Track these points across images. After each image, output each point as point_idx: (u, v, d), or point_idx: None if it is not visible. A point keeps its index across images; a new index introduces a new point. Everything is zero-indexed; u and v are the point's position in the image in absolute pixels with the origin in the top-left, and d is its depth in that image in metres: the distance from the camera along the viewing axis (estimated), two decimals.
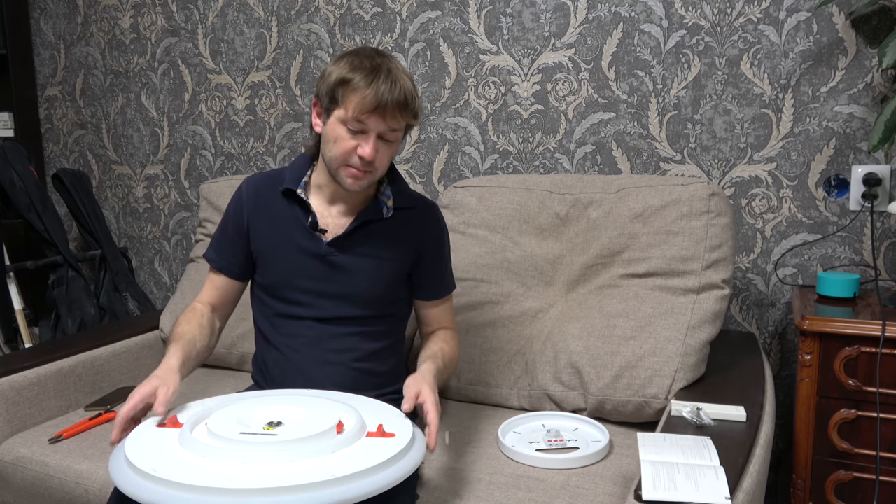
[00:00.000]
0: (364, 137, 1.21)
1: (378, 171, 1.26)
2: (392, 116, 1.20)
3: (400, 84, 1.20)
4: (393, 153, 1.28)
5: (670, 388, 1.41)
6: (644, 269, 1.54)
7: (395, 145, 1.27)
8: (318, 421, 1.04)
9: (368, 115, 1.19)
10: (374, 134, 1.21)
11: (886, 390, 1.36)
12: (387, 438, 1.03)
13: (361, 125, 1.20)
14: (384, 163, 1.26)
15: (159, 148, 2.49)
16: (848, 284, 1.56)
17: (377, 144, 1.22)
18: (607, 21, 1.85)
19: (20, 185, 2.31)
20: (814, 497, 1.45)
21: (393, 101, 1.19)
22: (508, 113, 1.98)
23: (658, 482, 0.97)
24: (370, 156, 1.21)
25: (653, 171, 1.86)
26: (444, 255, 1.43)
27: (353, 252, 1.32)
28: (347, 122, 1.20)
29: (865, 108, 1.66)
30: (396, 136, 1.25)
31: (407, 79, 1.23)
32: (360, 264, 1.32)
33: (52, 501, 1.40)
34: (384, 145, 1.24)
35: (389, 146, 1.25)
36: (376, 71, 1.19)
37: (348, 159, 1.23)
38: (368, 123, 1.20)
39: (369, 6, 2.10)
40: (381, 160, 1.25)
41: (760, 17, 1.71)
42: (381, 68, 1.20)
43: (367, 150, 1.20)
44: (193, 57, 2.38)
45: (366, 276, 1.32)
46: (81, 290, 2.37)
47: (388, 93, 1.18)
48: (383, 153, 1.24)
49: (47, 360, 1.64)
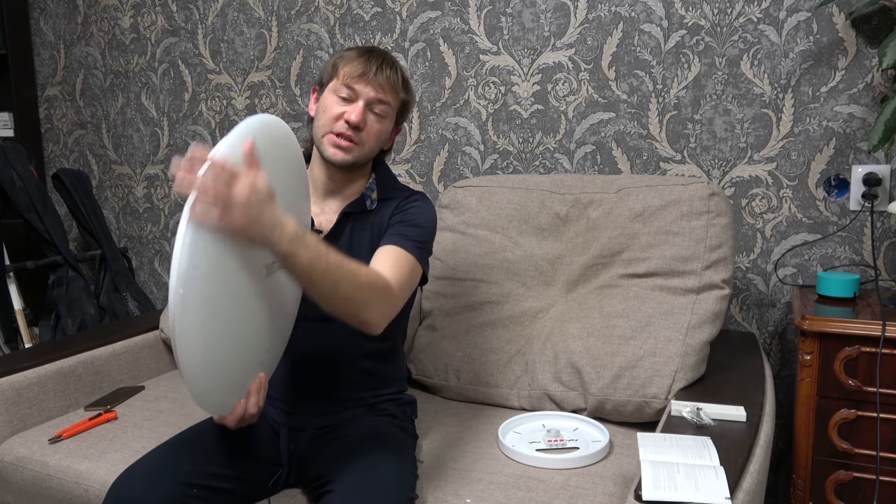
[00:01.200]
0: (352, 105, 1.24)
1: (364, 145, 1.26)
2: (381, 86, 1.24)
3: (392, 61, 1.28)
4: (380, 134, 1.28)
5: (670, 388, 1.41)
6: (644, 269, 1.54)
7: (385, 123, 1.28)
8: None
9: (357, 80, 1.23)
10: (362, 101, 1.24)
11: (886, 390, 1.36)
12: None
13: (351, 91, 1.24)
14: (371, 138, 1.27)
15: (159, 148, 2.49)
16: (848, 284, 1.55)
17: (364, 112, 1.24)
18: (607, 21, 1.85)
19: (20, 185, 2.31)
20: (814, 497, 1.45)
21: (384, 69, 1.25)
22: (508, 113, 1.98)
23: (658, 482, 0.97)
24: (357, 118, 1.22)
25: (653, 171, 1.86)
26: (414, 218, 1.29)
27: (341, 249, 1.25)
28: (338, 89, 1.25)
29: (865, 108, 1.66)
30: (385, 110, 1.27)
31: (401, 68, 1.30)
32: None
33: (52, 501, 1.40)
34: (373, 118, 1.26)
35: (378, 121, 1.27)
36: (372, 50, 1.29)
37: (334, 125, 1.24)
38: (357, 89, 1.24)
39: (369, 6, 2.10)
40: (368, 134, 1.26)
41: (760, 17, 1.71)
42: (376, 50, 1.29)
43: (354, 112, 1.23)
44: (193, 57, 2.38)
45: None
46: (81, 290, 2.37)
47: (378, 62, 1.25)
48: (370, 128, 1.26)
49: (47, 360, 1.64)
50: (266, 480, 1.23)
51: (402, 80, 1.30)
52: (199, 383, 1.00)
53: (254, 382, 1.13)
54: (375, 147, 1.30)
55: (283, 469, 1.26)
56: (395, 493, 1.09)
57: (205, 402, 1.04)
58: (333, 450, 1.22)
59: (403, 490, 1.11)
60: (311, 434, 1.29)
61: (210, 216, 0.89)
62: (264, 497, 1.23)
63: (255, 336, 1.10)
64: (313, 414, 1.30)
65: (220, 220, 0.90)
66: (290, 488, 1.27)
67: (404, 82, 1.31)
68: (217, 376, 1.04)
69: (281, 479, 1.26)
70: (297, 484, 1.28)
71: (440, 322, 1.67)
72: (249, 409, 1.12)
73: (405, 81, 1.31)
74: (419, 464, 1.30)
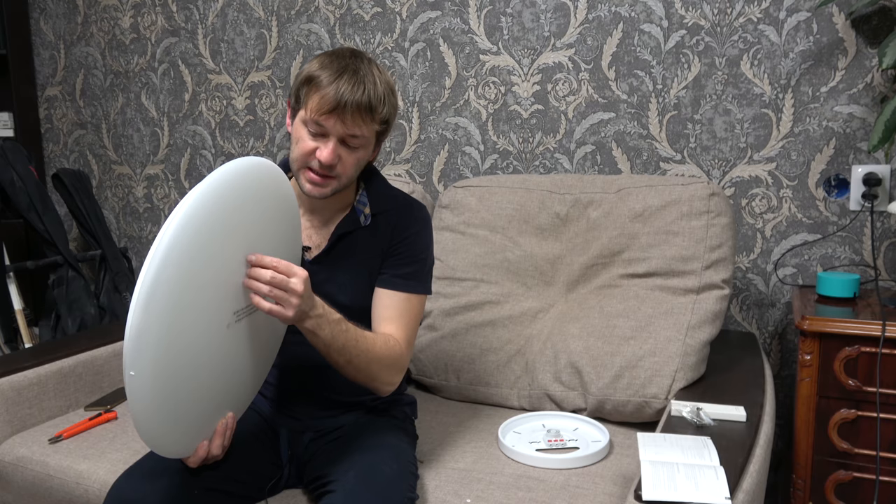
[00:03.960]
0: (324, 140, 1.15)
1: (342, 178, 1.19)
2: (353, 120, 1.13)
3: (365, 86, 1.14)
4: (359, 161, 1.20)
5: (670, 388, 1.41)
6: (644, 269, 1.54)
7: (362, 152, 1.19)
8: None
9: (327, 117, 1.13)
10: (334, 138, 1.14)
11: (886, 390, 1.36)
12: None
13: (321, 127, 1.14)
14: (348, 171, 1.18)
15: (159, 148, 2.49)
16: (848, 284, 1.55)
17: (337, 149, 1.15)
18: (607, 21, 1.85)
19: (20, 185, 2.31)
20: (814, 497, 1.45)
21: (353, 103, 1.12)
22: (508, 113, 1.98)
23: (658, 482, 0.97)
24: (327, 159, 1.14)
25: (653, 171, 1.86)
26: (415, 252, 1.28)
27: (336, 268, 1.25)
28: (308, 123, 1.15)
29: (865, 108, 1.66)
30: (360, 142, 1.17)
31: (380, 83, 1.16)
32: (344, 280, 1.25)
33: (52, 501, 1.40)
34: (347, 152, 1.17)
35: (353, 153, 1.17)
36: (342, 71, 1.13)
37: (308, 161, 1.16)
38: (327, 126, 1.13)
39: (369, 6, 2.10)
40: (345, 167, 1.17)
41: (760, 17, 1.71)
42: (347, 69, 1.14)
43: (324, 153, 1.14)
44: (193, 57, 2.38)
45: (351, 292, 1.25)
46: (81, 290, 2.37)
47: (350, 94, 1.12)
48: (346, 160, 1.17)
49: (47, 360, 1.63)
50: (266, 481, 1.23)
51: (376, 102, 1.16)
52: (152, 434, 0.98)
53: (220, 424, 1.09)
54: (355, 173, 1.22)
55: (284, 470, 1.26)
56: (395, 493, 1.09)
57: (160, 448, 1.01)
58: (333, 450, 1.22)
59: (403, 490, 1.11)
60: (311, 436, 1.28)
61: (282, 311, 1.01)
62: (264, 498, 1.23)
63: (220, 382, 1.06)
64: (313, 417, 1.30)
65: (288, 312, 1.02)
66: (291, 489, 1.27)
67: (380, 103, 1.17)
68: (174, 426, 1.00)
69: (282, 480, 1.26)
70: (297, 484, 1.28)
71: (440, 322, 1.67)
72: (213, 451, 1.09)
73: (381, 102, 1.17)
74: (419, 464, 1.30)
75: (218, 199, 0.95)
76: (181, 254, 0.91)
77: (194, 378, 0.99)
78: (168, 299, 0.91)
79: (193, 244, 0.92)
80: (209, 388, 1.03)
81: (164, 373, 0.94)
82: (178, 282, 0.91)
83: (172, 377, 0.95)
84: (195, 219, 0.92)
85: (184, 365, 0.96)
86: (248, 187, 1.00)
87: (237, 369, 1.09)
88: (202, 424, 1.06)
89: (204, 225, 0.93)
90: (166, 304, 0.91)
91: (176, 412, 0.99)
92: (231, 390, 1.10)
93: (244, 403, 1.17)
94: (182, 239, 0.91)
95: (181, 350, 0.95)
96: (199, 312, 0.96)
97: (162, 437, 1.00)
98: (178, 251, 0.90)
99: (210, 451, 1.08)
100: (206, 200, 0.94)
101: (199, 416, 1.05)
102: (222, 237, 0.97)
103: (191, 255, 0.92)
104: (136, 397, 0.92)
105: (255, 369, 1.15)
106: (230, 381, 1.08)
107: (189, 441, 1.05)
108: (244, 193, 1.00)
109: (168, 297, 0.91)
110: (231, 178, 0.97)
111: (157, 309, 0.90)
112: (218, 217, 0.95)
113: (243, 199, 1.00)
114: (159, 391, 0.94)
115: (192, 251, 0.92)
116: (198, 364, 0.99)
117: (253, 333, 1.10)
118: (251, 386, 1.16)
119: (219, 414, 1.09)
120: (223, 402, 1.09)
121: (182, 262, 0.91)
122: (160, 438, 0.99)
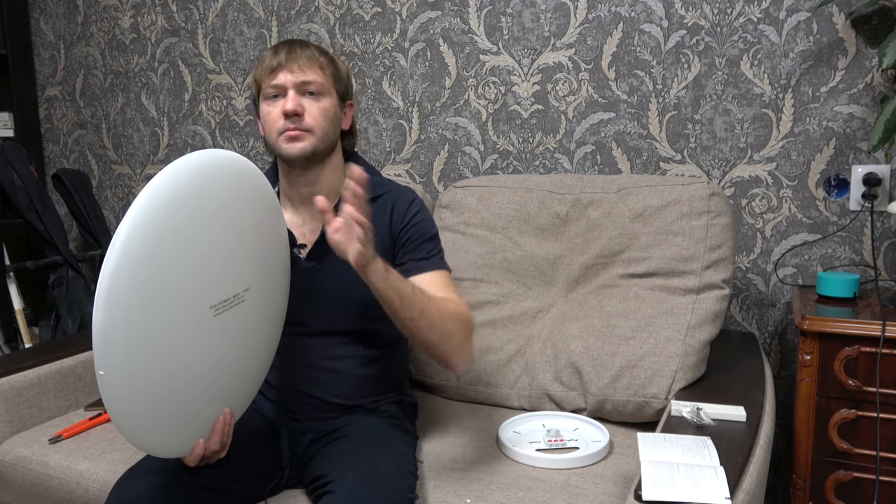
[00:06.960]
0: (284, 99, 1.22)
1: (316, 131, 1.22)
2: (300, 67, 1.21)
3: (301, 42, 1.25)
4: (325, 111, 1.24)
5: (670, 388, 1.41)
6: (644, 269, 1.54)
7: (325, 101, 1.24)
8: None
9: (274, 75, 1.21)
10: (290, 90, 1.21)
11: (886, 390, 1.36)
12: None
13: (276, 88, 1.22)
14: (318, 121, 1.23)
15: (159, 148, 2.49)
16: (848, 284, 1.56)
17: (297, 98, 1.21)
18: (607, 21, 1.85)
19: (20, 185, 2.31)
20: (814, 497, 1.45)
21: (294, 53, 1.22)
22: (508, 113, 1.98)
23: (658, 482, 0.97)
24: (291, 107, 1.19)
25: (653, 171, 1.86)
26: (424, 232, 1.31)
27: (333, 261, 1.20)
28: (265, 94, 1.23)
29: (865, 108, 1.66)
30: (317, 88, 1.23)
31: (316, 44, 1.28)
32: (343, 274, 1.20)
33: (52, 501, 1.40)
34: (309, 101, 1.23)
35: (316, 101, 1.23)
36: (279, 43, 1.26)
37: (278, 126, 1.22)
38: (279, 81, 1.21)
39: (369, 6, 2.10)
40: (314, 118, 1.22)
41: (760, 17, 1.71)
42: (284, 41, 1.26)
43: (288, 103, 1.20)
44: (193, 57, 2.38)
45: (350, 285, 1.20)
46: (81, 290, 2.37)
47: (288, 48, 1.23)
48: (311, 109, 1.22)
49: (47, 360, 1.63)
50: (267, 481, 1.23)
51: (319, 53, 1.26)
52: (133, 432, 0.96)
53: (217, 421, 1.10)
54: (329, 127, 1.25)
55: (284, 471, 1.26)
56: (395, 494, 1.09)
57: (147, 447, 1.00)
58: (333, 450, 1.22)
59: (403, 490, 1.11)
60: (311, 437, 1.28)
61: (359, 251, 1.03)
62: (264, 498, 1.23)
63: (206, 379, 1.04)
64: (314, 419, 1.30)
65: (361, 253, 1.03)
66: (291, 489, 1.27)
67: (323, 53, 1.27)
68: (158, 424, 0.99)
69: (282, 481, 1.26)
70: (297, 485, 1.28)
71: None
72: (212, 447, 1.09)
73: (324, 52, 1.27)
74: (419, 464, 1.30)
75: (175, 191, 0.94)
76: (139, 249, 0.90)
77: (173, 375, 0.98)
78: (129, 295, 0.89)
79: (152, 239, 0.91)
80: (193, 385, 1.02)
81: (137, 371, 0.93)
82: (138, 277, 0.90)
83: (146, 375, 0.94)
84: (150, 214, 0.91)
85: (158, 362, 0.95)
86: (211, 176, 1.00)
87: (224, 365, 1.07)
88: (193, 422, 1.05)
89: (161, 221, 0.92)
90: (128, 300, 0.90)
91: (156, 410, 0.97)
92: (221, 387, 1.09)
93: (242, 400, 1.16)
94: (139, 234, 0.90)
95: (151, 347, 0.94)
96: (166, 308, 0.94)
97: (145, 436, 0.99)
98: (134, 246, 0.89)
99: (208, 447, 1.08)
100: (159, 195, 0.92)
101: (188, 414, 1.03)
102: (187, 233, 0.96)
103: (151, 250, 0.91)
104: (108, 396, 0.91)
105: (247, 365, 1.13)
106: (218, 378, 1.07)
107: (181, 439, 1.05)
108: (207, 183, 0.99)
109: (128, 293, 0.89)
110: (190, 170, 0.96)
111: (118, 306, 0.89)
112: (179, 213, 0.94)
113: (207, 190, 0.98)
114: (134, 389, 0.93)
115: (153, 246, 0.91)
116: (175, 361, 0.98)
117: (239, 328, 1.08)
118: (248, 382, 1.15)
119: (211, 411, 1.08)
120: (214, 398, 1.08)
121: (142, 258, 0.90)
122: (144, 437, 0.98)
